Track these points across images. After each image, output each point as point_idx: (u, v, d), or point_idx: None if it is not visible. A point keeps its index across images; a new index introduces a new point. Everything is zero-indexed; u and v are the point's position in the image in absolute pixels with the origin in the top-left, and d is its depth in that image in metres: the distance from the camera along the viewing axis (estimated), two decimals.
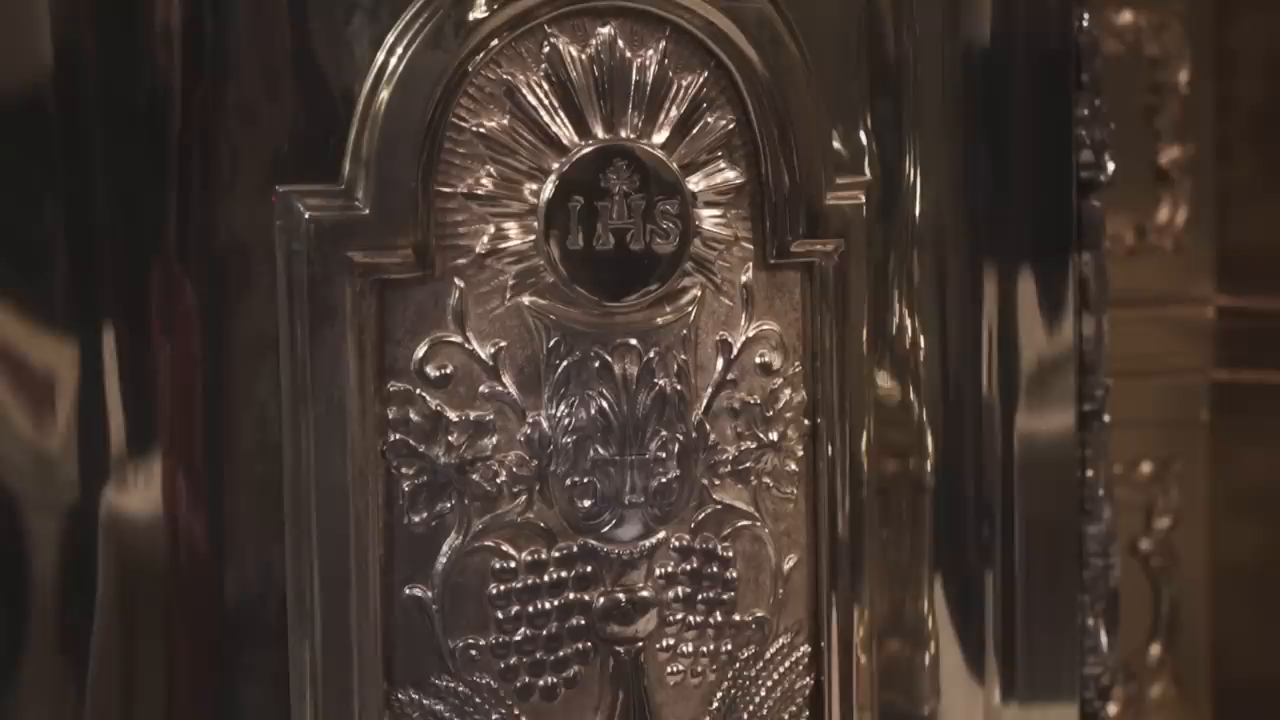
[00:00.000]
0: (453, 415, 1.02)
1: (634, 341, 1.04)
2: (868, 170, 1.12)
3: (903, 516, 1.16)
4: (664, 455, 1.05)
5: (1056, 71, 1.22)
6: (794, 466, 1.10)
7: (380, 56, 1.01)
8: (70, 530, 1.01)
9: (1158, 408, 1.76)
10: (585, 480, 1.04)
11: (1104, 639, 1.24)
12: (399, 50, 1.01)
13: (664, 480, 1.05)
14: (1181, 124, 1.77)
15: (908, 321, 1.15)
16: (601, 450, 1.04)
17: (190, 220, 1.01)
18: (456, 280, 1.02)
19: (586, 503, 1.04)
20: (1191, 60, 1.76)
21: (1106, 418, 1.26)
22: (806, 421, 1.10)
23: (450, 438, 1.02)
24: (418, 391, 1.02)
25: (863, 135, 1.12)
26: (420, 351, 1.02)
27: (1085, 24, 1.24)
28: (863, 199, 1.11)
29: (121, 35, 1.00)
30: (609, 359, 1.04)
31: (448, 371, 1.02)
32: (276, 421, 1.02)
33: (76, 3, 1.00)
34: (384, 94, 1.01)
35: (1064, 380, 1.23)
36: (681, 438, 1.06)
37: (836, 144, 1.10)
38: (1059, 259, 1.22)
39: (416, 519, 1.02)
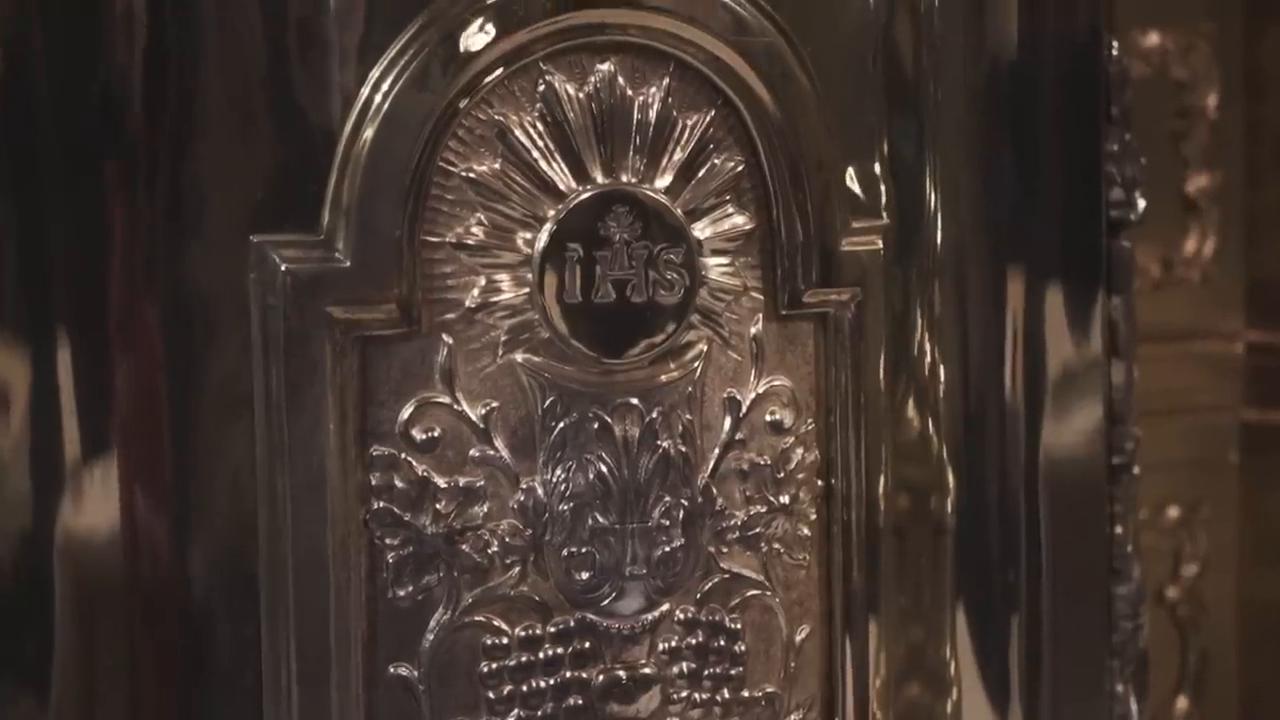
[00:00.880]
0: (441, 481, 0.95)
1: (635, 401, 0.97)
2: (885, 212, 1.05)
3: (922, 559, 1.08)
4: (667, 522, 0.98)
5: (1085, 105, 1.14)
6: (806, 531, 1.02)
7: (363, 95, 0.94)
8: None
9: (1184, 449, 1.69)
10: (583, 550, 0.97)
11: (1134, 706, 1.17)
12: (383, 89, 0.94)
13: (667, 549, 0.98)
14: (1210, 150, 1.69)
15: (928, 358, 1.08)
16: (600, 518, 0.97)
17: (156, 269, 0.94)
18: (444, 336, 0.95)
19: (584, 574, 0.97)
20: (1220, 83, 1.69)
21: (1136, 470, 1.19)
22: (820, 482, 1.03)
23: (438, 505, 0.95)
24: (403, 456, 0.95)
25: (880, 173, 1.05)
26: (406, 413, 0.95)
27: (1115, 53, 1.17)
28: (880, 244, 1.03)
29: (77, 65, 0.93)
30: (609, 420, 0.97)
31: (435, 434, 0.95)
32: (251, 488, 0.95)
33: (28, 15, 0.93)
34: (366, 136, 0.93)
35: (1093, 426, 1.16)
36: (686, 503, 0.98)
37: (852, 184, 1.03)
38: (1087, 302, 1.15)
39: (402, 592, 0.95)
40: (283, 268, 0.93)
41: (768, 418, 1.01)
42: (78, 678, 0.95)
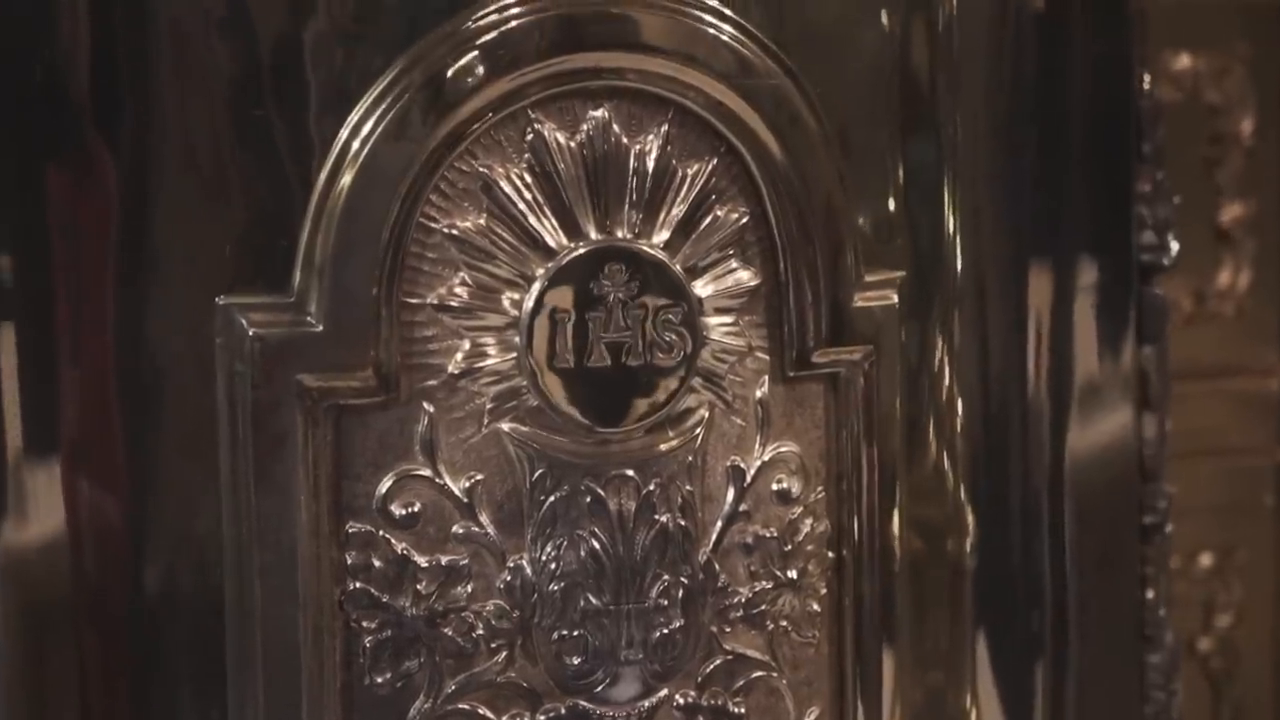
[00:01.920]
0: (421, 560, 0.89)
1: (631, 473, 0.90)
2: (901, 261, 0.98)
3: (942, 636, 1.01)
4: (665, 602, 0.91)
5: (1115, 142, 1.07)
6: (816, 606, 0.96)
7: (338, 144, 0.87)
8: None
9: (1218, 492, 1.61)
10: (575, 633, 0.90)
11: None
12: (360, 136, 0.87)
13: (666, 631, 0.91)
14: (1244, 178, 1.61)
15: (946, 409, 1.01)
16: (593, 599, 0.90)
17: (112, 333, 0.87)
18: (425, 404, 0.88)
19: (576, 659, 0.90)
20: (1255, 108, 1.61)
21: (1169, 529, 1.12)
22: (830, 554, 0.96)
23: (418, 586, 0.89)
24: (380, 533, 0.88)
25: (896, 218, 0.98)
26: (384, 487, 0.88)
27: (1147, 87, 1.09)
28: (895, 299, 0.96)
29: (25, 105, 0.87)
30: (602, 493, 0.90)
31: (415, 510, 0.89)
32: (218, 567, 0.88)
33: None
34: (341, 188, 0.87)
35: (1123, 482, 1.09)
36: (686, 580, 0.92)
37: (865, 232, 0.96)
38: (1116, 352, 1.08)
39: (380, 679, 0.89)
40: (251, 332, 0.86)
41: (774, 487, 0.94)
42: None
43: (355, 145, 0.87)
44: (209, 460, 0.87)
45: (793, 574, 0.95)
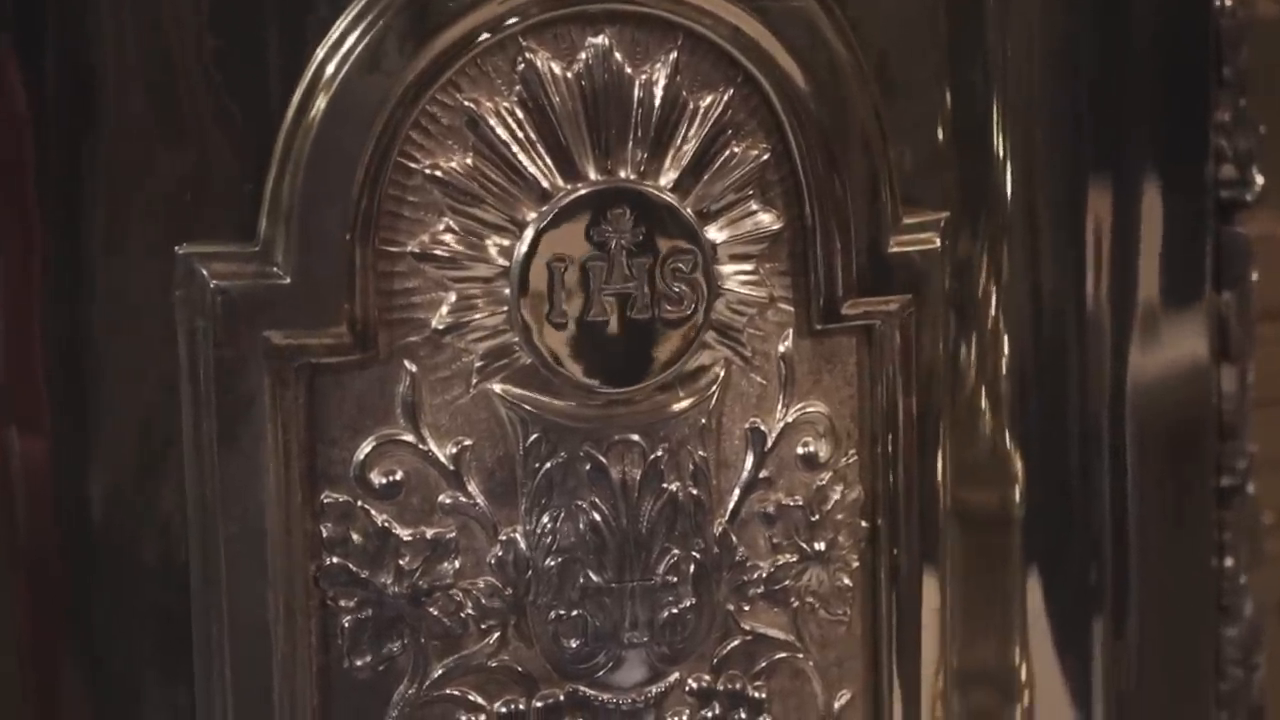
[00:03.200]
0: (404, 533, 0.81)
1: (636, 437, 0.82)
2: (945, 199, 0.88)
3: (991, 607, 0.93)
4: (674, 579, 0.83)
5: (1190, 65, 0.97)
6: (847, 580, 0.87)
7: (305, 78, 0.79)
8: None
9: None
10: (573, 613, 0.82)
11: None
12: (329, 70, 0.79)
13: (675, 610, 0.83)
14: None
15: (991, 341, 0.91)
16: (594, 575, 0.82)
17: (64, 286, 0.79)
18: (407, 363, 0.80)
19: (575, 641, 0.82)
20: None
21: (1251, 489, 1.02)
22: (864, 524, 0.87)
23: (401, 561, 0.81)
24: (359, 504, 0.81)
25: (940, 154, 0.89)
26: (362, 454, 0.81)
27: (1229, 2, 0.99)
28: (937, 243, 0.87)
29: None
30: (603, 460, 0.82)
31: (397, 478, 0.81)
32: (183, 539, 0.80)
33: None
34: (309, 127, 0.78)
35: (1197, 439, 0.99)
36: (698, 555, 0.83)
37: (904, 169, 0.87)
38: (1191, 298, 0.98)
39: (360, 662, 0.81)
40: (212, 284, 0.79)
41: (799, 451, 0.85)
42: None
43: (326, 76, 0.78)
44: (171, 424, 0.80)
45: (820, 546, 0.86)
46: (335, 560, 0.81)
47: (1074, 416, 0.94)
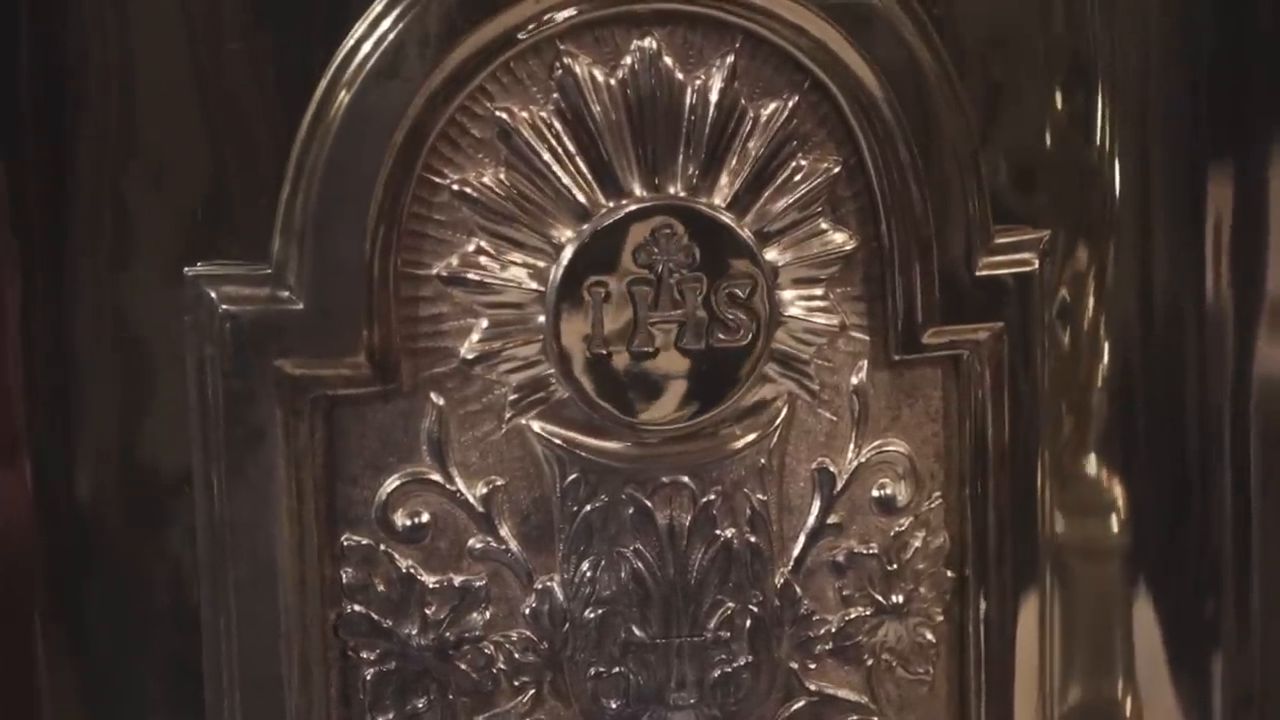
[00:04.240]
0: (429, 580, 0.74)
1: (685, 479, 0.75)
2: (1045, 213, 0.80)
3: (1093, 622, 0.84)
4: (727, 634, 0.76)
5: None
6: (929, 636, 0.79)
7: (322, 84, 0.72)
8: None
9: None
10: (614, 670, 0.75)
11: None
12: (346, 75, 0.72)
13: (728, 669, 0.76)
14: None
15: (1093, 359, 0.83)
16: (637, 630, 0.75)
17: (68, 309, 0.74)
18: (433, 396, 0.74)
19: (615, 702, 0.75)
20: None
21: None
22: (950, 574, 0.79)
23: (427, 610, 0.74)
24: (381, 548, 0.74)
25: (1038, 163, 0.80)
26: (384, 493, 0.74)
27: None
28: (1035, 263, 0.79)
29: None
30: (648, 504, 0.75)
31: (423, 520, 0.74)
32: (194, 582, 0.75)
33: None
34: (325, 138, 0.72)
35: None
36: (756, 608, 0.76)
37: (996, 181, 0.78)
38: None
39: (382, 719, 0.75)
40: (221, 309, 0.72)
41: (874, 493, 0.78)
42: None
43: (342, 83, 0.72)
44: (183, 457, 0.74)
45: (898, 598, 0.78)
46: (356, 608, 0.74)
47: (1191, 430, 0.86)
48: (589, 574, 0.75)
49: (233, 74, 0.72)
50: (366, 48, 0.72)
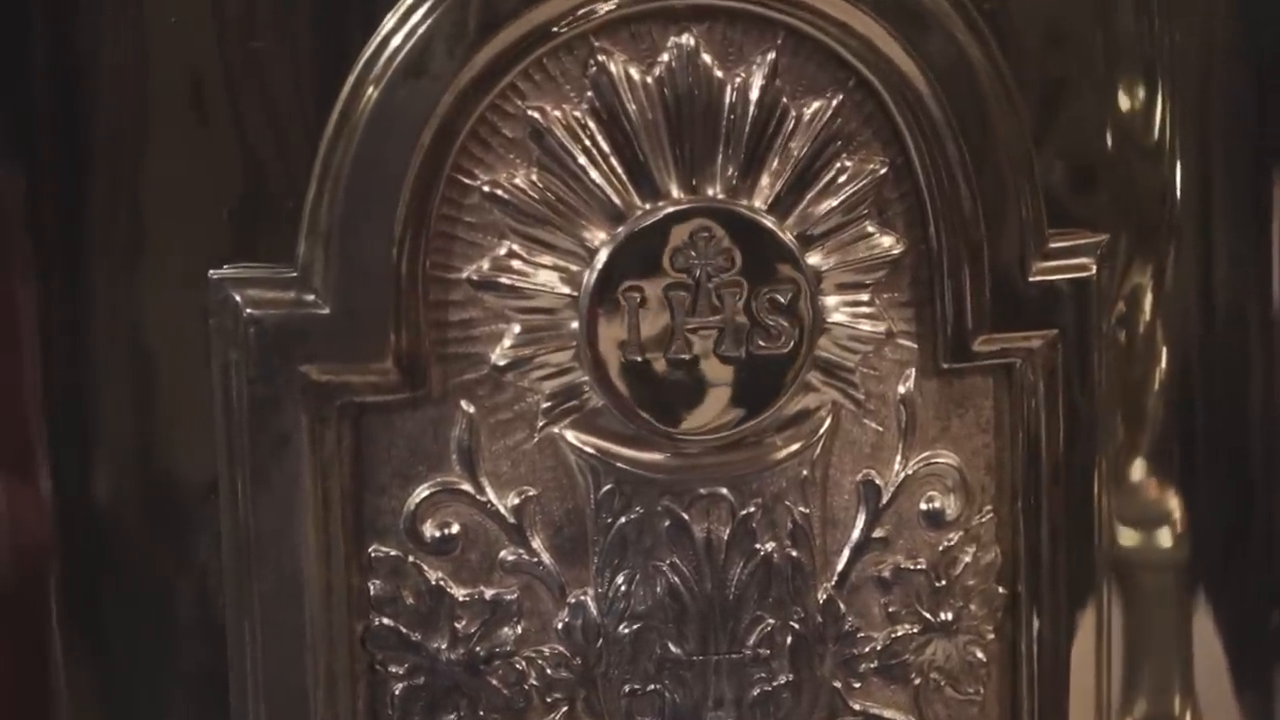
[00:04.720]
0: (459, 593, 0.72)
1: (724, 491, 0.72)
2: (1104, 216, 0.77)
3: (1146, 609, 0.81)
4: (767, 652, 0.73)
5: None
6: (980, 654, 0.76)
7: (349, 83, 0.70)
8: None
9: None
10: (649, 688, 0.73)
11: None
12: (374, 73, 0.70)
13: (768, 688, 0.73)
14: None
15: (1151, 360, 0.80)
16: (673, 646, 0.73)
17: (91, 313, 0.72)
18: (463, 403, 0.71)
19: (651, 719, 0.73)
20: None
21: None
22: (1002, 590, 0.76)
23: (457, 624, 0.72)
24: (410, 559, 0.72)
25: (1095, 164, 0.77)
26: (413, 503, 0.72)
27: None
28: (1093, 268, 0.76)
29: None
30: (685, 516, 0.72)
31: (453, 531, 0.72)
32: (218, 593, 0.73)
33: None
34: (353, 137, 0.70)
35: None
36: (797, 624, 0.73)
37: (1051, 183, 0.75)
38: None
39: None
40: (246, 312, 0.71)
41: (922, 506, 0.75)
42: None
43: (369, 81, 0.70)
44: (208, 466, 0.72)
45: (947, 615, 0.75)
46: (384, 621, 0.72)
47: (1254, 438, 0.83)
48: (624, 588, 0.72)
49: (257, 71, 0.70)
50: (395, 43, 0.70)
